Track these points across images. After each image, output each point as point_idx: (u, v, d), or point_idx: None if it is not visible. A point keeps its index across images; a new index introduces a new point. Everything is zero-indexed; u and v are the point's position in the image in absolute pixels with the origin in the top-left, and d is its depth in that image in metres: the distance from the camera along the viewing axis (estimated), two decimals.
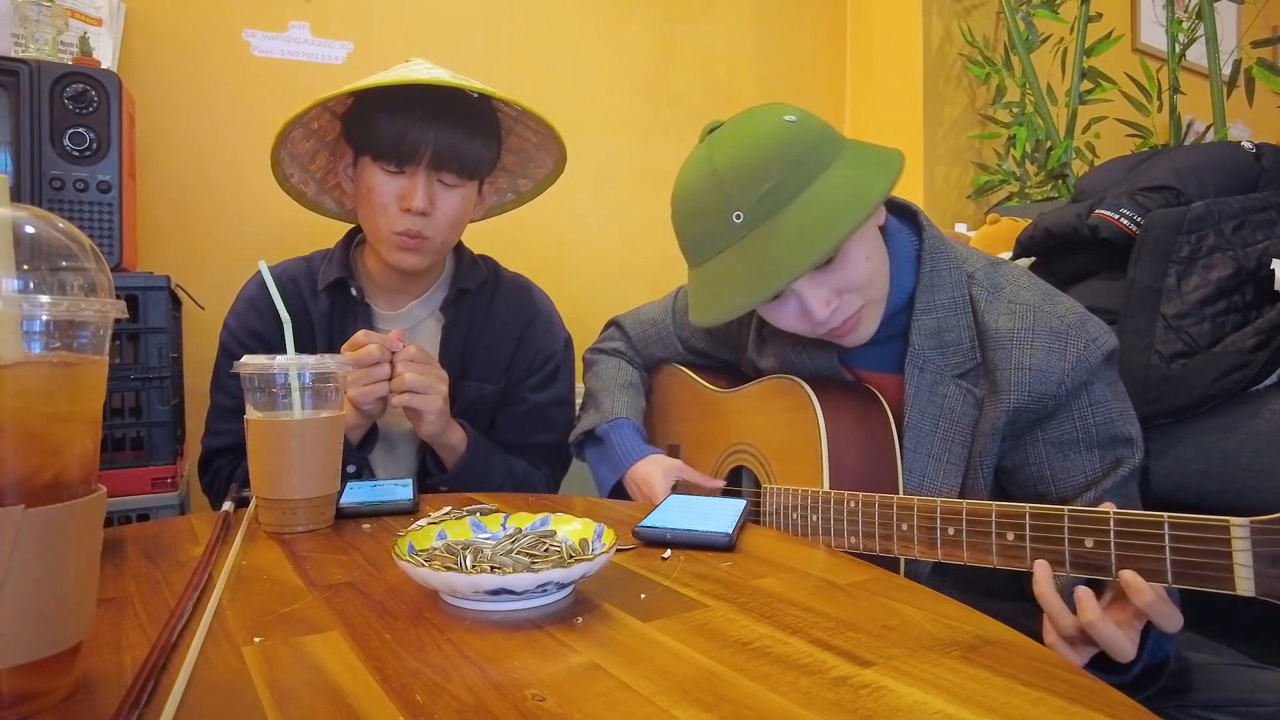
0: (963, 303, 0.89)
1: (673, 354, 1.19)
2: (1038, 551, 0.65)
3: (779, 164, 0.80)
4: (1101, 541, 0.61)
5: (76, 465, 0.41)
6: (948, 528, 0.71)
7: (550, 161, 1.22)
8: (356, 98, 1.09)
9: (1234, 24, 2.76)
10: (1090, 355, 0.82)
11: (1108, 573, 0.61)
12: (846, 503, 0.81)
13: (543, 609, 0.54)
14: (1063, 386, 0.82)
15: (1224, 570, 0.54)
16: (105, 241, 1.21)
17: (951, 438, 0.86)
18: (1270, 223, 1.36)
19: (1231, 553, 0.54)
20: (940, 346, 0.88)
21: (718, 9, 2.29)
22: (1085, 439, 0.82)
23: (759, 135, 0.82)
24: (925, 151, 2.36)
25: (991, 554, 0.68)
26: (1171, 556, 0.57)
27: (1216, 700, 0.75)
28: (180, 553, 0.68)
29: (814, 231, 0.77)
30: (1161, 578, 0.58)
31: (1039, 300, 0.86)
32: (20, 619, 0.38)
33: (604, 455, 1.09)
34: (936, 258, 0.90)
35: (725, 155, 0.83)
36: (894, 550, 0.76)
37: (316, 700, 0.42)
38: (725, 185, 0.81)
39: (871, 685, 0.43)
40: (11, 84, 1.16)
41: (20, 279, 0.41)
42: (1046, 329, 0.83)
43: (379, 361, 0.99)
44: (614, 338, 1.26)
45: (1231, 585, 0.54)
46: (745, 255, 0.81)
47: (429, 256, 1.09)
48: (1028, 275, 0.91)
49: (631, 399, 1.14)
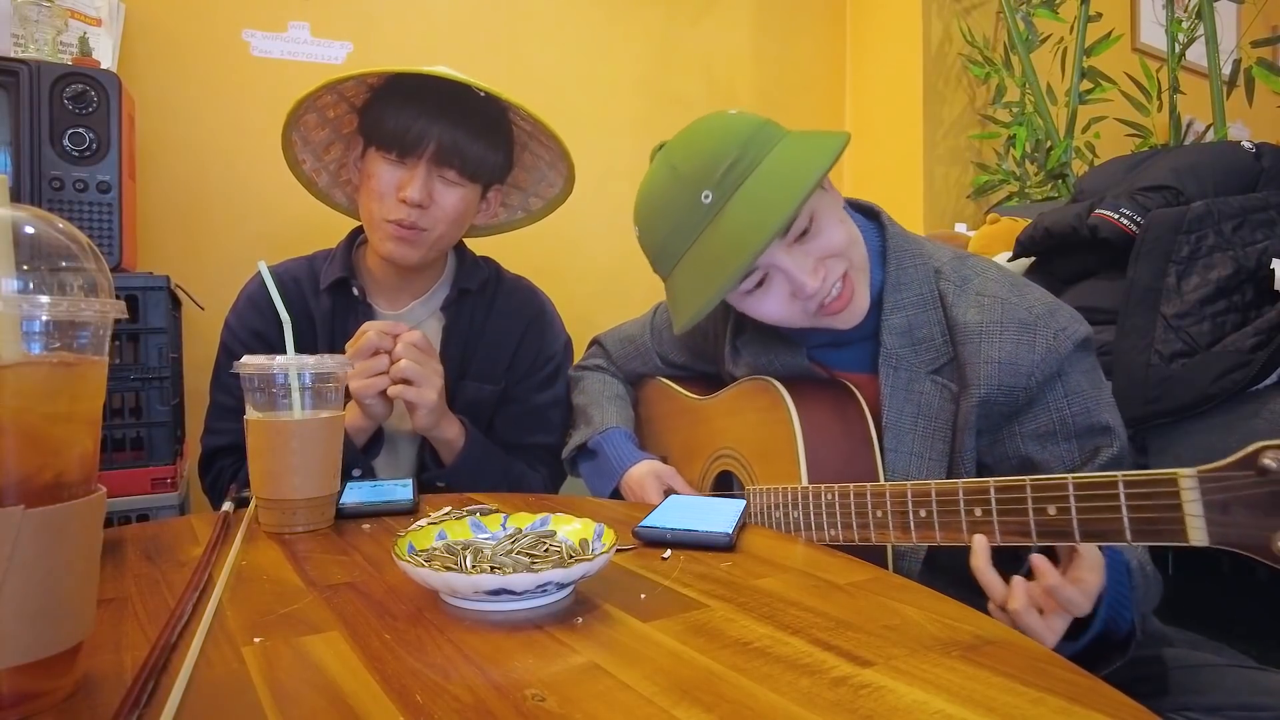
0: (931, 298, 0.89)
1: (652, 369, 1.20)
2: (1005, 524, 0.66)
3: (734, 143, 0.82)
4: (1063, 508, 0.62)
5: (76, 465, 0.41)
6: (919, 510, 0.72)
7: (560, 180, 1.23)
8: (374, 91, 1.10)
9: (1234, 24, 2.76)
10: (1060, 345, 0.82)
11: (1071, 538, 0.62)
12: (824, 495, 0.81)
13: (543, 609, 0.54)
14: (1033, 378, 0.82)
15: (1177, 523, 0.55)
16: (105, 242, 1.21)
17: (931, 434, 0.86)
18: (1270, 222, 1.36)
19: (1182, 504, 0.55)
20: (912, 344, 0.88)
21: (718, 9, 2.29)
22: (1063, 430, 0.82)
23: (707, 128, 0.86)
24: (925, 151, 2.36)
25: (963, 531, 0.69)
26: (1128, 515, 0.58)
27: (1217, 703, 0.74)
28: (180, 553, 0.68)
29: (788, 181, 0.78)
30: (1121, 537, 0.59)
31: (1007, 292, 0.86)
32: (20, 619, 0.38)
33: (598, 467, 1.09)
34: (902, 255, 0.90)
35: (681, 154, 0.85)
36: (871, 538, 0.77)
37: (316, 700, 0.42)
38: (688, 176, 0.83)
39: (871, 685, 0.43)
40: (11, 84, 1.16)
41: (20, 279, 0.41)
42: (1015, 321, 0.83)
43: (378, 351, 0.99)
44: (596, 355, 1.27)
45: (1185, 536, 0.55)
46: (722, 229, 0.81)
47: (422, 250, 1.09)
48: (996, 268, 0.91)
49: (621, 409, 1.15)
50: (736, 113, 0.87)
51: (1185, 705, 0.75)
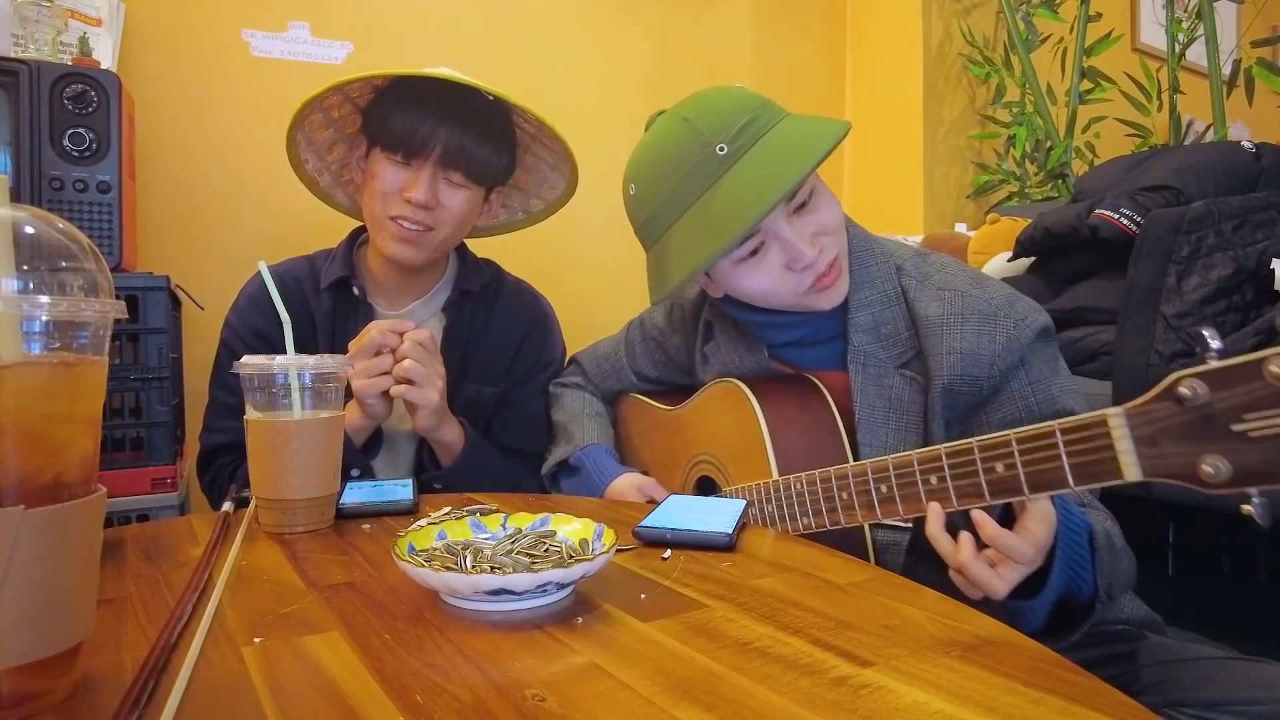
0: (895, 295, 0.90)
1: (627, 385, 1.21)
2: (959, 488, 0.67)
3: (750, 104, 0.84)
4: (1009, 464, 0.63)
5: (76, 466, 0.41)
6: (880, 486, 0.74)
7: (562, 183, 1.23)
8: (379, 92, 1.09)
9: (1234, 24, 2.76)
10: (1020, 334, 0.83)
11: (1021, 493, 0.63)
12: (793, 486, 0.83)
13: (543, 609, 0.54)
14: (995, 367, 0.83)
15: (1111, 461, 0.56)
16: (105, 242, 1.21)
17: (904, 427, 0.88)
18: (1270, 222, 1.36)
19: (1113, 443, 0.56)
20: (879, 340, 0.90)
21: (718, 8, 2.29)
22: (1028, 417, 0.83)
23: (720, 91, 0.88)
24: (925, 151, 2.36)
25: (922, 501, 0.70)
26: (1068, 461, 0.59)
27: (1212, 697, 0.74)
28: (180, 553, 0.68)
29: (800, 147, 0.80)
30: (1065, 483, 0.60)
31: (967, 285, 0.87)
32: (20, 619, 0.38)
33: (581, 482, 1.10)
34: (864, 255, 0.92)
35: (694, 110, 0.86)
36: (841, 521, 0.78)
37: (316, 700, 0.42)
38: (702, 128, 0.84)
39: (871, 685, 0.43)
40: (11, 84, 1.16)
41: (20, 279, 0.41)
42: (975, 312, 0.85)
43: (380, 350, 0.99)
44: (573, 373, 1.27)
45: (1120, 473, 0.56)
46: (729, 186, 0.81)
47: (426, 251, 1.09)
48: (956, 263, 0.93)
49: (601, 426, 1.16)
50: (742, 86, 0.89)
51: (1180, 701, 0.75)
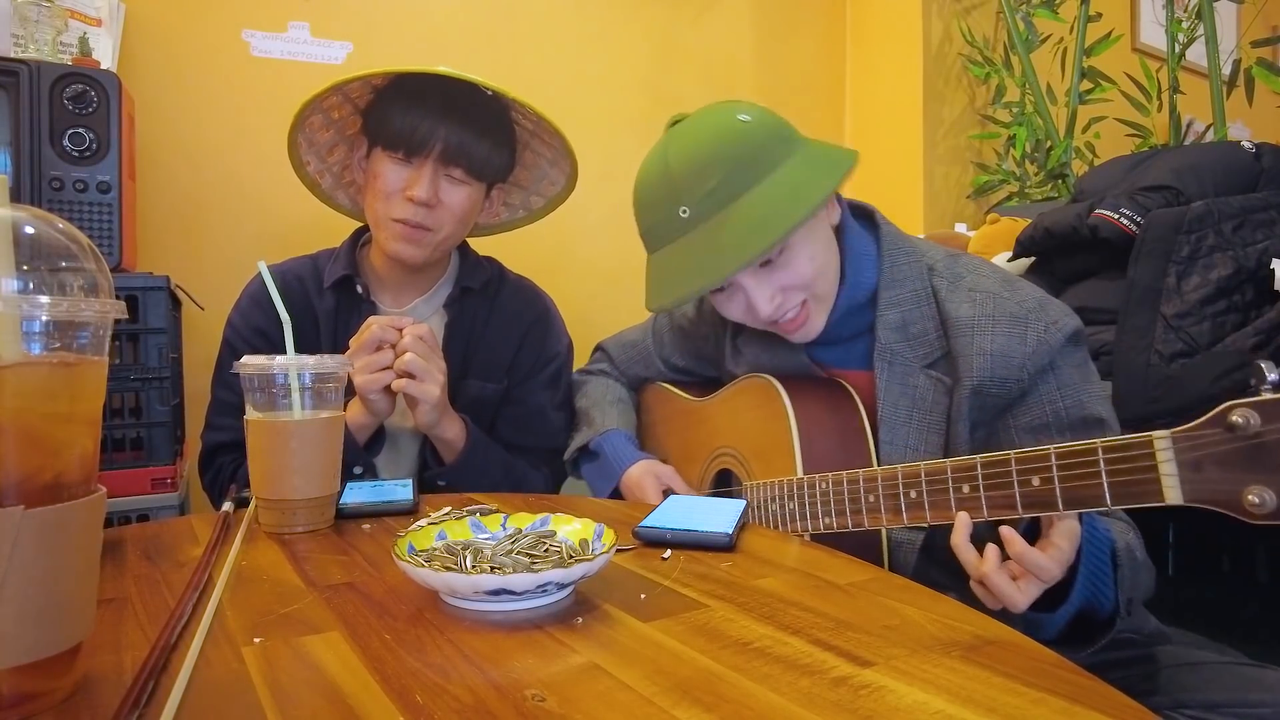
0: (925, 294, 0.90)
1: (655, 374, 1.21)
2: (991, 499, 0.67)
3: (725, 164, 0.84)
4: (1046, 478, 0.63)
5: (76, 466, 0.41)
6: (910, 491, 0.73)
7: (562, 178, 1.23)
8: (378, 92, 1.10)
9: (1234, 24, 2.76)
10: (1051, 338, 0.83)
11: (1055, 507, 0.63)
12: (818, 485, 0.83)
13: (543, 609, 0.54)
14: (1025, 370, 0.83)
15: (1153, 484, 0.56)
16: (105, 242, 1.21)
17: (926, 427, 0.88)
18: (1270, 222, 1.36)
19: (1157, 465, 0.56)
20: (907, 339, 0.90)
21: (718, 9, 2.29)
22: (1056, 423, 0.83)
23: (710, 133, 0.87)
24: (925, 151, 2.36)
25: (951, 509, 0.70)
26: (1108, 480, 0.59)
27: (1214, 700, 0.74)
28: (180, 553, 0.68)
29: (754, 231, 0.81)
30: (1101, 502, 0.60)
31: (998, 287, 0.88)
32: (20, 619, 0.38)
33: (600, 468, 1.10)
34: (896, 253, 0.92)
35: (677, 150, 0.87)
36: (865, 523, 0.78)
37: (316, 701, 0.42)
38: (675, 181, 0.86)
39: (871, 685, 0.43)
40: (11, 84, 1.16)
41: (20, 279, 0.41)
42: (1006, 314, 0.85)
43: (381, 345, 0.99)
44: (599, 360, 1.28)
45: (1161, 496, 0.56)
46: (691, 249, 0.85)
47: (429, 249, 1.09)
48: (988, 265, 0.93)
49: (622, 412, 1.17)
50: (749, 119, 0.86)
51: (1183, 703, 0.75)
